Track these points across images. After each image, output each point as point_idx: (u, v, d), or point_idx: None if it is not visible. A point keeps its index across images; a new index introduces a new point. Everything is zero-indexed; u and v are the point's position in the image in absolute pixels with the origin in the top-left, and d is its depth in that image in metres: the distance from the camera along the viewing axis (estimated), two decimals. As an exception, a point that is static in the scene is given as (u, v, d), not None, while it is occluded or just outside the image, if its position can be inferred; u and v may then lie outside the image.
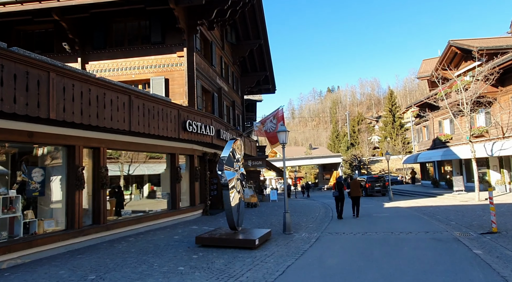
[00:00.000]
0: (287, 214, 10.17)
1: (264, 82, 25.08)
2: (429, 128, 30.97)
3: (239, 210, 8.87)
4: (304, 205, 21.33)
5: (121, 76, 13.56)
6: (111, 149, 9.48)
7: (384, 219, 12.68)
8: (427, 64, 32.36)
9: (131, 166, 11.36)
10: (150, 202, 11.86)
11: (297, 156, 55.73)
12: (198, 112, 12.19)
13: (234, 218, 8.34)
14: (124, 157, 10.76)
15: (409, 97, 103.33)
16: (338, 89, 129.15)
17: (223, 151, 8.42)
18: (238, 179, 8.71)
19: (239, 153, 8.97)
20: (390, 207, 17.79)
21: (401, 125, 65.10)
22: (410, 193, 27.80)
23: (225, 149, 8.44)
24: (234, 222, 8.35)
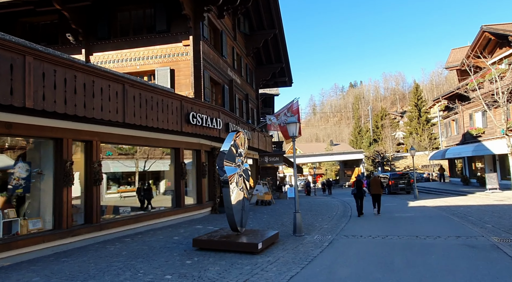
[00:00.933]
0: (297, 214, 9.22)
1: (280, 74, 24.04)
2: (458, 121, 28.93)
3: (243, 209, 8.02)
4: (322, 203, 20.24)
5: (126, 68, 12.98)
6: (106, 143, 8.85)
7: (408, 220, 11.47)
8: (456, 53, 30.24)
9: (135, 162, 10.77)
10: (154, 200, 11.21)
11: (317, 152, 54.28)
12: (203, 104, 11.40)
13: (236, 219, 7.49)
14: (126, 152, 10.14)
15: (436, 91, 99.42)
16: (360, 84, 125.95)
17: (223, 144, 7.58)
18: (240, 176, 7.85)
19: (241, 147, 8.10)
20: (415, 207, 16.42)
21: (428, 120, 62.29)
22: (437, 191, 26.04)
23: (225, 142, 7.59)
24: (235, 222, 7.50)
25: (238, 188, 7.68)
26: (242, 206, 7.87)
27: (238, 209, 7.67)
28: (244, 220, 8.08)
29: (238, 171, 7.73)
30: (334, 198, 26.27)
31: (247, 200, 8.18)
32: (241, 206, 7.81)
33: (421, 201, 19.22)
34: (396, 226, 10.43)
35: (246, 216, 8.12)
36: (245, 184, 8.07)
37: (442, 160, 40.65)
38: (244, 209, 8.06)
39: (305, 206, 18.18)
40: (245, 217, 8.11)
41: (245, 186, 8.09)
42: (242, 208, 7.89)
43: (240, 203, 7.77)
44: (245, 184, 8.11)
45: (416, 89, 67.34)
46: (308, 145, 78.42)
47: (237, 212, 7.57)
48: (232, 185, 7.45)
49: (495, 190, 19.83)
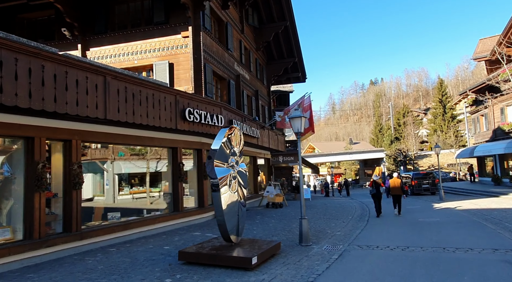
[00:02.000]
0: (303, 220, 8.12)
1: (293, 69, 22.87)
2: (488, 116, 26.82)
3: (239, 215, 7.01)
4: (338, 206, 18.95)
5: (123, 63, 12.26)
6: (89, 142, 8.07)
7: (434, 227, 10.11)
8: (485, 43, 28.06)
9: (126, 163, 9.98)
10: (151, 204, 10.38)
11: (335, 152, 52.60)
12: (202, 99, 10.47)
13: (228, 227, 6.48)
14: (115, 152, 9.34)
15: (461, 86, 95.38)
16: (381, 81, 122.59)
17: (213, 142, 6.59)
18: (234, 177, 6.83)
19: (236, 145, 7.08)
20: (441, 209, 14.91)
21: (453, 116, 59.31)
22: (465, 191, 24.13)
23: (216, 140, 6.60)
24: (227, 232, 6.50)
25: (231, 192, 6.67)
26: (236, 212, 6.85)
27: (231, 216, 6.66)
28: (240, 228, 7.07)
29: (231, 173, 6.72)
30: (353, 200, 24.84)
31: (243, 206, 7.16)
32: (235, 212, 6.80)
33: (447, 203, 17.60)
34: (419, 233, 9.13)
35: (242, 224, 7.10)
36: (240, 188, 7.05)
37: (470, 158, 38.23)
38: (240, 216, 7.05)
39: (320, 209, 16.98)
40: (241, 224, 7.09)
41: (240, 190, 7.07)
42: (236, 214, 6.88)
43: (234, 209, 6.76)
44: (241, 187, 7.09)
45: (440, 85, 64.38)
46: (327, 144, 76.56)
47: (229, 220, 6.57)
48: (224, 189, 6.45)
49: (532, 191, 17.93)
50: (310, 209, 16.86)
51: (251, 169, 18.32)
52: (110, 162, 9.51)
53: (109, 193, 9.73)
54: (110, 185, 9.76)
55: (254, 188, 18.27)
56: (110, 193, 9.78)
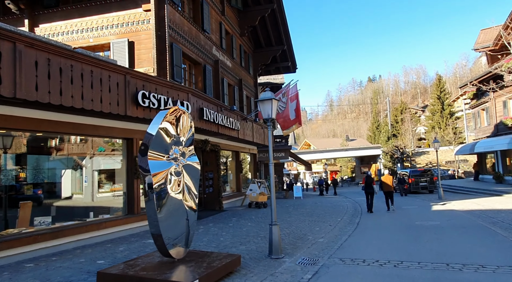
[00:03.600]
0: (274, 227, 6.57)
1: (282, 58, 21.25)
2: (489, 110, 25.35)
3: (188, 221, 5.47)
4: (329, 205, 17.44)
5: (77, 41, 10.64)
6: (4, 129, 6.46)
7: (433, 233, 8.59)
8: (487, 34, 26.55)
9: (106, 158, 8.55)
10: (99, 205, 8.81)
11: (331, 148, 51.13)
12: (162, 82, 8.87)
13: (164, 238, 4.92)
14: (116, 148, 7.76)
15: (459, 84, 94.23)
16: (379, 78, 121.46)
17: (148, 127, 5.02)
18: (178, 174, 5.27)
19: (183, 133, 5.50)
20: (441, 211, 13.41)
21: (451, 113, 58.11)
22: (465, 190, 22.67)
23: (152, 125, 5.03)
24: (164, 246, 4.94)
25: (172, 192, 5.10)
26: (180, 219, 5.29)
27: (172, 224, 5.10)
28: (189, 238, 5.51)
29: (173, 167, 5.15)
30: (347, 198, 23.35)
31: (193, 211, 5.59)
32: (178, 219, 5.23)
33: (447, 202, 16.12)
34: (417, 241, 7.61)
35: (190, 234, 5.52)
36: (188, 187, 5.48)
37: (470, 155, 36.81)
38: (189, 223, 5.49)
39: (308, 209, 15.46)
40: (191, 233, 5.53)
41: (188, 190, 5.50)
42: (182, 221, 5.32)
43: (176, 215, 5.20)
44: (189, 186, 5.51)
45: (438, 81, 63.13)
46: (323, 140, 75.17)
47: (169, 229, 5.01)
48: (162, 188, 4.89)
49: (539, 190, 16.48)
50: (297, 209, 15.36)
51: (233, 165, 16.77)
52: (89, 157, 8.51)
53: (88, 190, 8.57)
54: (89, 182, 8.60)
55: (237, 186, 16.73)
56: (89, 191, 8.60)
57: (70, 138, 8.09)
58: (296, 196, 24.45)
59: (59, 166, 8.03)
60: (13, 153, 6.95)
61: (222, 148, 14.46)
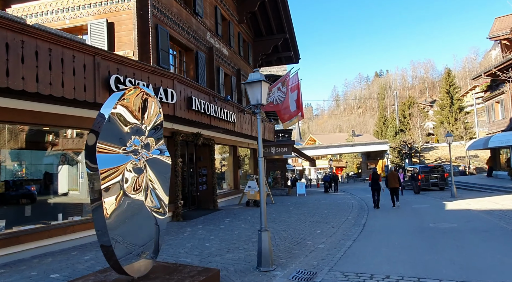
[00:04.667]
0: (263, 234, 5.52)
1: (284, 48, 20.09)
2: (504, 103, 23.91)
3: (158, 227, 4.46)
4: (334, 203, 16.35)
5: (53, 23, 9.65)
6: None
7: (451, 238, 7.48)
8: (502, 22, 25.07)
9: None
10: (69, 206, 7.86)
11: (336, 144, 49.85)
12: (142, 66, 7.83)
13: (119, 251, 3.90)
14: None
15: (469, 78, 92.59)
16: (387, 73, 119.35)
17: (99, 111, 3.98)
18: (139, 170, 4.23)
19: (145, 119, 4.44)
20: (456, 211, 12.25)
21: (461, 108, 56.36)
22: (478, 187, 21.36)
23: (103, 108, 3.99)
24: (117, 261, 3.92)
25: (130, 194, 4.07)
26: (141, 226, 4.26)
27: (131, 233, 4.08)
28: (157, 248, 4.49)
29: (132, 162, 4.11)
30: (352, 195, 22.22)
31: (161, 215, 4.55)
32: (139, 226, 4.20)
33: (461, 201, 14.93)
34: (433, 249, 6.50)
35: (154, 243, 4.49)
36: (153, 187, 4.44)
37: (482, 150, 35.34)
38: (157, 231, 4.47)
39: (311, 207, 14.40)
40: (160, 241, 4.51)
41: (154, 190, 4.46)
42: (144, 229, 4.29)
43: (137, 222, 4.17)
44: (154, 186, 4.47)
45: (448, 75, 61.27)
46: (328, 136, 73.81)
47: (125, 239, 3.99)
48: (114, 188, 3.87)
49: (561, 188, 15.19)
50: (299, 207, 14.30)
51: (231, 161, 15.75)
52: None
53: (84, 187, 7.95)
54: (85, 178, 7.76)
55: (235, 182, 15.71)
56: (85, 187, 7.89)
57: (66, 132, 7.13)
58: (299, 193, 23.39)
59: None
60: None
61: (217, 142, 13.44)
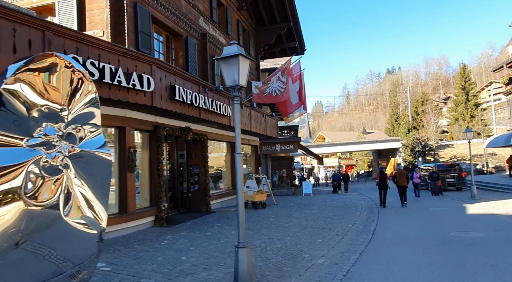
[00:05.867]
0: (241, 251, 4.30)
1: (288, 38, 18.76)
2: (528, 97, 22.12)
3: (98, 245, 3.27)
4: (341, 205, 15.02)
5: (19, 2, 8.56)
6: None
7: (481, 253, 6.11)
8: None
9: None
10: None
11: (346, 141, 48.22)
12: (109, 46, 6.67)
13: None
14: None
15: (484, 74, 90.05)
16: (399, 69, 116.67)
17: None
18: (55, 171, 3.04)
19: (73, 101, 3.25)
20: (480, 215, 10.80)
21: (477, 104, 54.14)
22: (500, 187, 19.68)
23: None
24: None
25: (39, 203, 2.89)
26: (55, 247, 3.08)
27: (22, 263, 2.89)
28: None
29: (40, 159, 2.93)
30: (362, 196, 20.83)
31: (93, 227, 3.38)
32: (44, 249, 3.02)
33: (483, 203, 13.43)
34: (460, 270, 5.16)
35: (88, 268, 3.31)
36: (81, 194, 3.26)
37: (502, 148, 33.32)
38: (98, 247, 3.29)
39: (316, 209, 13.12)
40: (88, 269, 3.33)
41: (84, 198, 3.28)
42: (61, 251, 3.11)
43: (45, 242, 2.99)
44: (82, 191, 3.29)
45: (463, 70, 59.11)
46: (338, 133, 72.12)
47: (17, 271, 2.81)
48: (7, 197, 2.69)
49: None
50: (302, 209, 13.05)
51: (228, 159, 14.56)
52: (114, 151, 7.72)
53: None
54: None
55: (233, 182, 14.52)
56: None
57: None
58: (306, 193, 22.09)
59: None
60: None
61: (211, 138, 12.26)
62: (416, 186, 17.48)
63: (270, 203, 14.98)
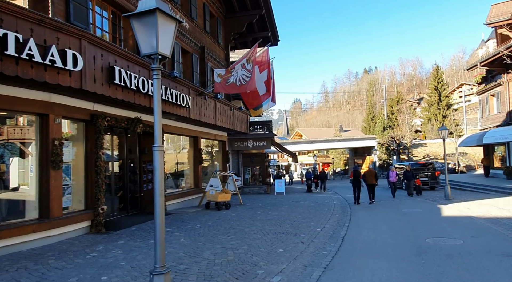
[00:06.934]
0: (157, 279, 3.14)
1: (260, 27, 17.62)
2: (500, 96, 22.08)
3: None
4: (313, 205, 14.12)
5: None
6: None
7: (461, 267, 5.23)
8: (499, 8, 23.15)
9: None
10: None
11: (323, 138, 47.78)
12: (13, 8, 5.28)
13: None
14: None
15: (456, 76, 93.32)
16: (375, 70, 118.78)
17: None
18: None
19: None
20: (456, 218, 10.11)
21: (449, 105, 55.74)
22: (473, 187, 19.49)
23: None
24: None
25: None
26: None
27: None
28: None
29: None
30: (336, 195, 20.09)
31: None
32: None
33: (458, 204, 12.87)
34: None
35: None
36: None
37: (472, 147, 33.77)
38: None
39: (284, 211, 12.10)
40: None
41: None
42: None
43: None
44: None
45: (436, 71, 60.69)
46: (315, 131, 72.06)
47: None
48: None
49: None
50: (269, 211, 12.02)
51: (191, 155, 13.31)
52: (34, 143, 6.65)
53: (33, 182, 6.59)
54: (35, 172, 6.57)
55: (195, 180, 13.28)
56: (34, 182, 6.58)
57: None
58: (278, 191, 21.15)
59: None
60: None
61: (169, 131, 10.98)
62: (394, 184, 16.65)
63: (237, 203, 13.88)
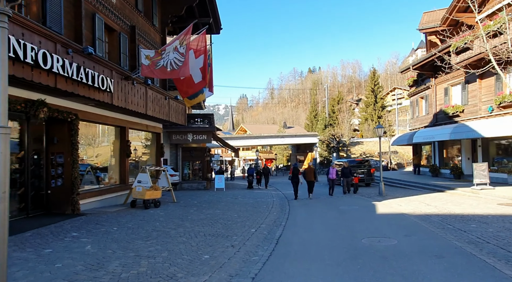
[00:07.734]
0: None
1: (201, 12, 16.50)
2: (429, 99, 23.63)
3: None
4: (251, 203, 13.53)
5: None
6: None
7: (397, 272, 4.89)
8: (430, 16, 24.70)
9: None
10: None
11: (266, 134, 47.89)
12: None
13: None
14: None
15: (389, 81, 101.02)
16: (319, 70, 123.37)
17: None
18: None
19: None
20: (389, 215, 10.17)
21: (383, 106, 60.07)
22: (403, 183, 20.58)
23: None
24: None
25: None
26: None
27: None
28: None
29: None
30: (277, 191, 19.82)
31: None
32: None
33: (391, 201, 13.20)
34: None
35: None
36: None
37: (403, 146, 36.17)
38: None
39: (219, 209, 11.29)
40: None
41: None
42: None
43: None
44: None
45: (373, 74, 64.74)
46: (259, 126, 72.31)
47: None
48: None
49: (485, 186, 14.38)
50: (203, 209, 11.13)
51: (117, 147, 11.86)
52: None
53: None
54: None
55: (121, 175, 11.87)
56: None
57: None
58: (218, 187, 20.34)
59: None
60: None
61: (87, 118, 9.50)
62: (333, 182, 16.48)
63: (170, 201, 12.77)
